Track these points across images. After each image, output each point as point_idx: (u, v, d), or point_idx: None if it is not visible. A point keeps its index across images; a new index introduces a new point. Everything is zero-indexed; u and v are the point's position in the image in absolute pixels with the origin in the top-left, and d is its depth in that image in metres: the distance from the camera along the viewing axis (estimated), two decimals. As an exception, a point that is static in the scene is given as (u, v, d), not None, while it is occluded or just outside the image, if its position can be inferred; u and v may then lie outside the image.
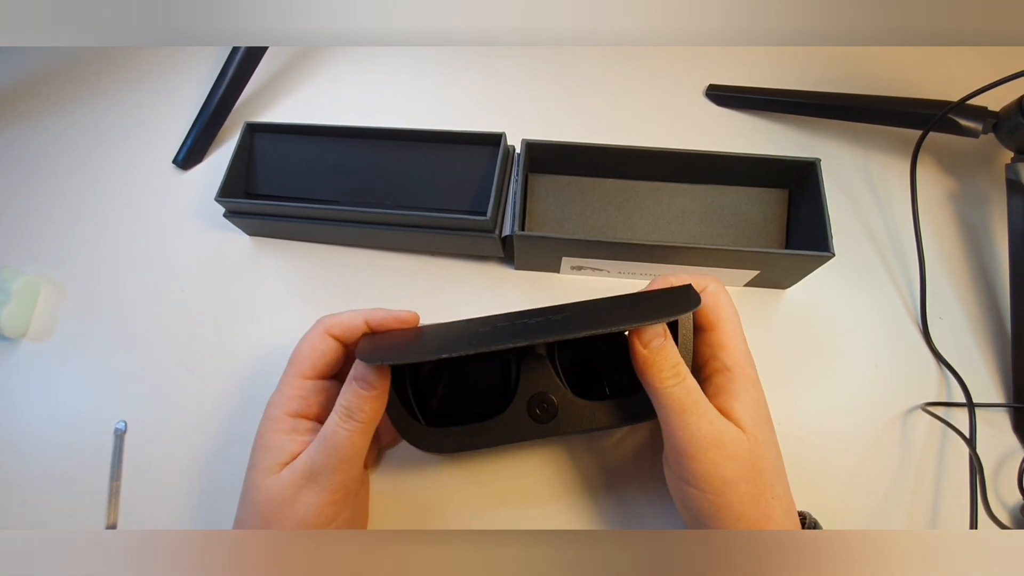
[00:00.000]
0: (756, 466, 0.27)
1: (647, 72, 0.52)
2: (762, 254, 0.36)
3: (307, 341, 0.31)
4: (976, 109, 0.40)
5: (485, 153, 0.41)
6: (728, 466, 0.26)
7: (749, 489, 0.26)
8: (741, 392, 0.28)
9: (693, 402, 0.27)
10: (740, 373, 0.28)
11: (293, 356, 0.31)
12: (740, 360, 0.28)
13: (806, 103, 0.47)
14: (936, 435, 0.37)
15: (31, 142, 0.49)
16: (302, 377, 0.30)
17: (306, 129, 0.43)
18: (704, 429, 0.26)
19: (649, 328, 0.27)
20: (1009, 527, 0.34)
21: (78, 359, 0.40)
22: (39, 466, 0.37)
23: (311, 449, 0.28)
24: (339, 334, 0.31)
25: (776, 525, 0.27)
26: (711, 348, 0.29)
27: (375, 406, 0.28)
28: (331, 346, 0.31)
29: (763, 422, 0.28)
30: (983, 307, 0.41)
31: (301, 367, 0.30)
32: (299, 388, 0.30)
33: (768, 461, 0.27)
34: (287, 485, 0.27)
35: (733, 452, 0.26)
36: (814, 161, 0.39)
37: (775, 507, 0.27)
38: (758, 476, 0.27)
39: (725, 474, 0.26)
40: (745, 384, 0.28)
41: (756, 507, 0.27)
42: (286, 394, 0.30)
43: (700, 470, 0.26)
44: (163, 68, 0.53)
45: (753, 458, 0.27)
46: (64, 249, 0.44)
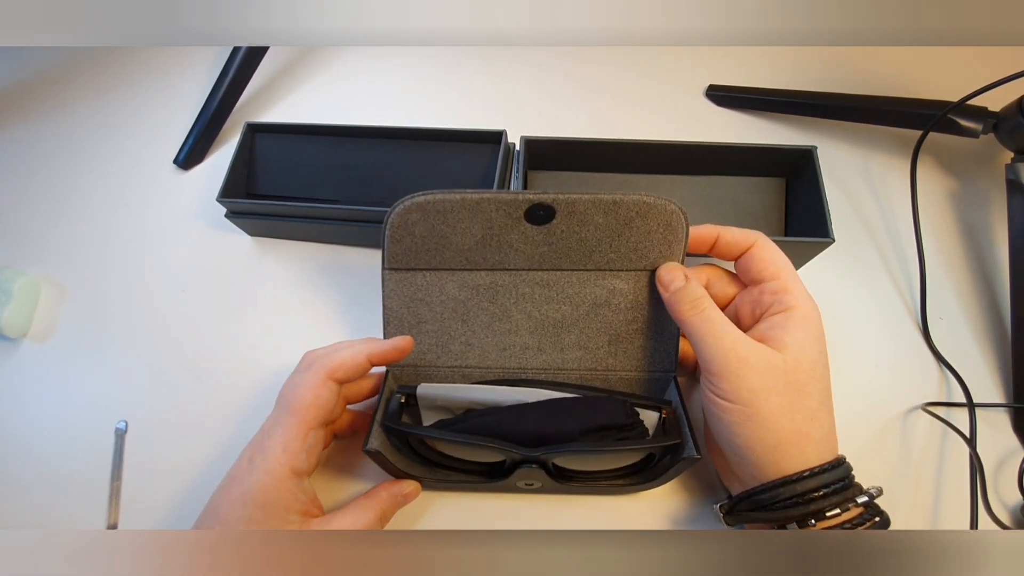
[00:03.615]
0: (791, 381, 0.27)
1: (647, 72, 0.52)
2: None
3: (308, 388, 0.29)
4: (976, 109, 0.40)
5: (486, 151, 0.41)
6: (754, 377, 0.27)
7: (781, 401, 0.27)
8: (791, 325, 0.29)
9: (713, 326, 0.29)
10: (799, 312, 0.29)
11: (294, 404, 0.29)
12: (801, 301, 0.29)
13: (806, 103, 0.47)
14: (936, 435, 0.37)
15: (32, 142, 0.49)
16: (307, 428, 0.28)
17: (307, 129, 0.43)
18: (726, 348, 0.28)
19: (668, 270, 0.31)
20: (1009, 527, 0.34)
21: (79, 359, 0.40)
22: (40, 466, 0.37)
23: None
24: (342, 377, 0.30)
25: (812, 444, 0.27)
26: (775, 294, 0.30)
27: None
28: (334, 392, 0.29)
29: (810, 347, 0.28)
30: (983, 307, 0.41)
31: (306, 417, 0.28)
32: (303, 441, 0.28)
33: (810, 381, 0.28)
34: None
35: (760, 367, 0.27)
36: (811, 149, 0.39)
37: (813, 426, 0.27)
38: (793, 391, 0.27)
39: (752, 385, 0.27)
40: (799, 319, 0.29)
41: (790, 421, 0.27)
42: (291, 449, 0.28)
43: (727, 386, 0.28)
44: (164, 68, 0.53)
45: (788, 373, 0.27)
46: (65, 250, 0.44)
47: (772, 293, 0.30)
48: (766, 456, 0.27)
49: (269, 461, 0.28)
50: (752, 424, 0.27)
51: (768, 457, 0.27)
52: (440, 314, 0.34)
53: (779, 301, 0.29)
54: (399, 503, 0.32)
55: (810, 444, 0.27)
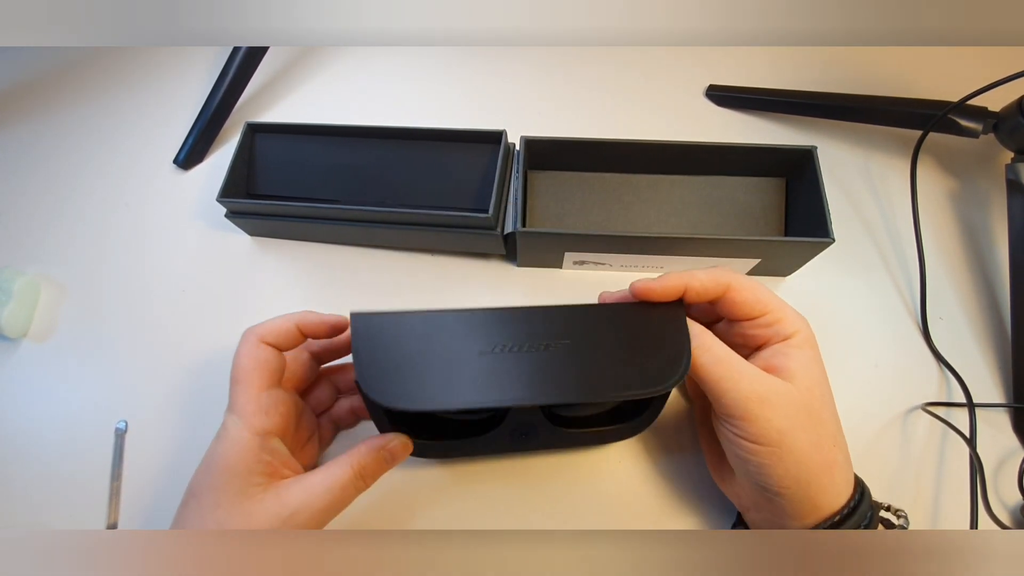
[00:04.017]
0: (811, 412, 0.27)
1: (647, 72, 0.52)
2: (763, 242, 0.37)
3: (245, 355, 0.29)
4: (976, 109, 0.40)
5: (486, 151, 0.41)
6: (780, 418, 0.27)
7: (808, 437, 0.27)
8: (794, 351, 0.29)
9: (727, 368, 0.28)
10: (799, 337, 0.29)
11: (236, 374, 0.29)
12: (797, 325, 0.29)
13: (806, 103, 0.47)
14: (936, 435, 0.37)
15: (32, 142, 0.49)
16: (256, 390, 0.29)
17: (307, 129, 0.43)
18: (746, 390, 0.27)
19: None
20: (1009, 527, 0.34)
21: (79, 359, 0.40)
22: (40, 466, 0.37)
23: (310, 492, 0.27)
24: (273, 341, 0.30)
25: (839, 471, 0.28)
26: (769, 326, 0.29)
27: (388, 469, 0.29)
28: (270, 353, 0.30)
29: (815, 369, 0.29)
30: (983, 307, 0.41)
31: (250, 381, 0.29)
32: (256, 403, 0.29)
33: (824, 406, 0.28)
34: (271, 517, 0.27)
35: (781, 404, 0.27)
36: (811, 149, 0.39)
37: (837, 452, 0.28)
38: (816, 423, 0.27)
39: (781, 426, 0.27)
40: (800, 343, 0.29)
41: (818, 453, 0.27)
42: (246, 412, 0.28)
43: (755, 429, 0.27)
44: (164, 68, 0.53)
45: (807, 404, 0.27)
46: (65, 249, 0.44)
47: (766, 326, 0.29)
48: (800, 492, 0.27)
49: (227, 428, 0.29)
50: (785, 464, 0.27)
51: (802, 493, 0.27)
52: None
53: (776, 332, 0.29)
54: (384, 459, 0.29)
55: (838, 471, 0.28)
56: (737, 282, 0.29)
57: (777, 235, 0.42)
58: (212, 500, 0.27)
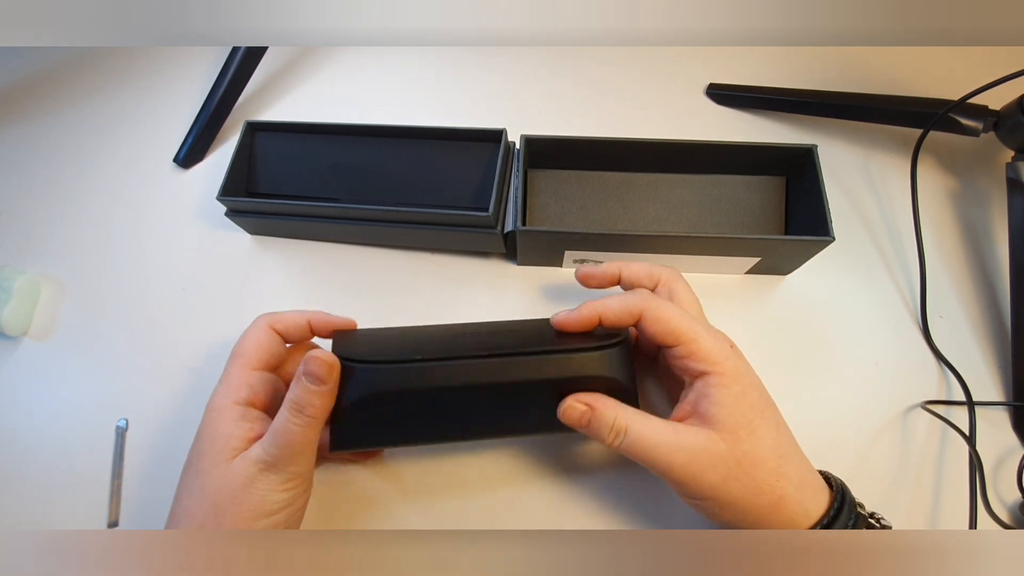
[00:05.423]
0: (741, 460, 0.27)
1: (647, 72, 0.52)
2: (762, 241, 0.37)
3: (250, 335, 0.31)
4: (976, 108, 0.40)
5: (486, 150, 0.41)
6: (708, 475, 0.27)
7: (741, 485, 0.27)
8: (712, 391, 0.28)
9: (645, 443, 0.27)
10: (716, 374, 0.28)
11: (236, 350, 0.31)
12: (712, 359, 0.28)
13: (806, 102, 0.47)
14: (936, 433, 0.37)
15: (32, 142, 0.49)
16: (248, 368, 0.31)
17: (307, 127, 0.43)
18: (667, 459, 0.27)
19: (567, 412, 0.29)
20: (1009, 525, 0.34)
21: (79, 358, 0.40)
22: (40, 464, 0.37)
23: (264, 441, 0.28)
24: (282, 330, 0.32)
25: (793, 503, 0.27)
26: (683, 360, 0.28)
27: (324, 401, 0.28)
28: (274, 339, 0.32)
29: (739, 406, 0.27)
30: (983, 306, 0.41)
31: (246, 358, 0.31)
32: (245, 378, 0.30)
33: (757, 446, 0.27)
34: (241, 474, 0.27)
35: (707, 461, 0.27)
36: (811, 147, 0.39)
37: (784, 487, 0.27)
38: (748, 468, 0.27)
39: (711, 481, 0.27)
40: (722, 382, 0.28)
41: (758, 497, 0.27)
42: (233, 384, 0.30)
43: (691, 489, 0.27)
44: (164, 68, 0.53)
45: (733, 453, 0.27)
46: (65, 248, 0.44)
47: (680, 359, 0.28)
48: (758, 527, 0.28)
49: (214, 399, 0.30)
50: (729, 510, 0.28)
51: (762, 526, 0.28)
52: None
53: (689, 369, 0.28)
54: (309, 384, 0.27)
55: (791, 503, 0.27)
56: (649, 311, 0.28)
57: (777, 234, 0.42)
58: (195, 469, 0.29)
